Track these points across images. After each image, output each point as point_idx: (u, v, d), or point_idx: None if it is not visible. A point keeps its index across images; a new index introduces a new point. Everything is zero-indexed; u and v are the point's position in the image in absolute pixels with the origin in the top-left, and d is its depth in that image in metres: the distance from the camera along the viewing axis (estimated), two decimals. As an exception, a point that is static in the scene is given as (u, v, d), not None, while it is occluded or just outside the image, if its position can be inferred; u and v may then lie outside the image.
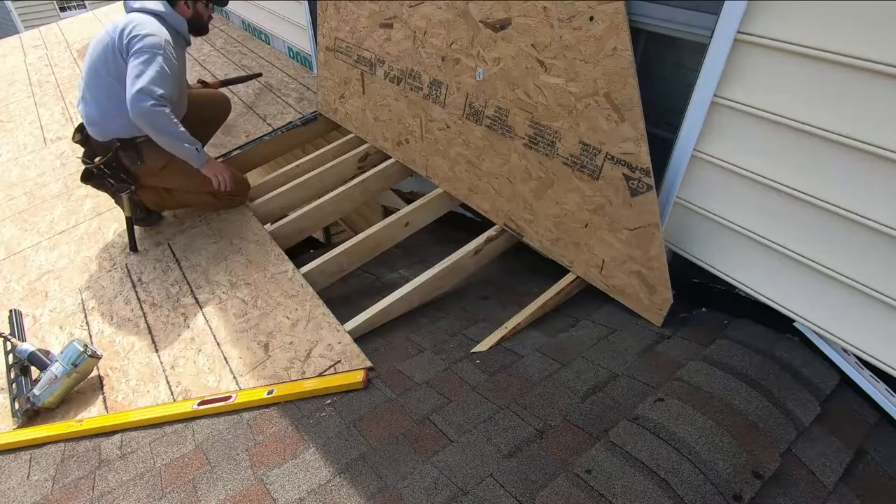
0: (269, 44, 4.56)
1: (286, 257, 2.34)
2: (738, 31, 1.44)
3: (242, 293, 2.20)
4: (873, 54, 1.22)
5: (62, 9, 12.98)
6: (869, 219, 1.35)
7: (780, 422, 1.35)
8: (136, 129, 2.20)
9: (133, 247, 2.51)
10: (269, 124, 3.32)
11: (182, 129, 2.25)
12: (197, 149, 2.33)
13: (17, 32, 8.53)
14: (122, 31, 2.17)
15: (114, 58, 2.19)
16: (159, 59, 2.15)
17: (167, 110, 2.16)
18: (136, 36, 2.16)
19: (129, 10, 2.30)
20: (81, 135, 2.39)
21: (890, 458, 1.37)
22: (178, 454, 1.62)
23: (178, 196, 2.56)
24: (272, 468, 1.49)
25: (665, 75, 1.77)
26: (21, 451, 1.76)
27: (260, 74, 3.87)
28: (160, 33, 2.22)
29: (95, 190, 2.50)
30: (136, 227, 2.54)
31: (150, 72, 2.12)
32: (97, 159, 2.30)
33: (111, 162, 2.29)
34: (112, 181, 2.35)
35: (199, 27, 2.49)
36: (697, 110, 1.60)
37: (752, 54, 1.44)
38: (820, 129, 1.37)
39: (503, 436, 1.44)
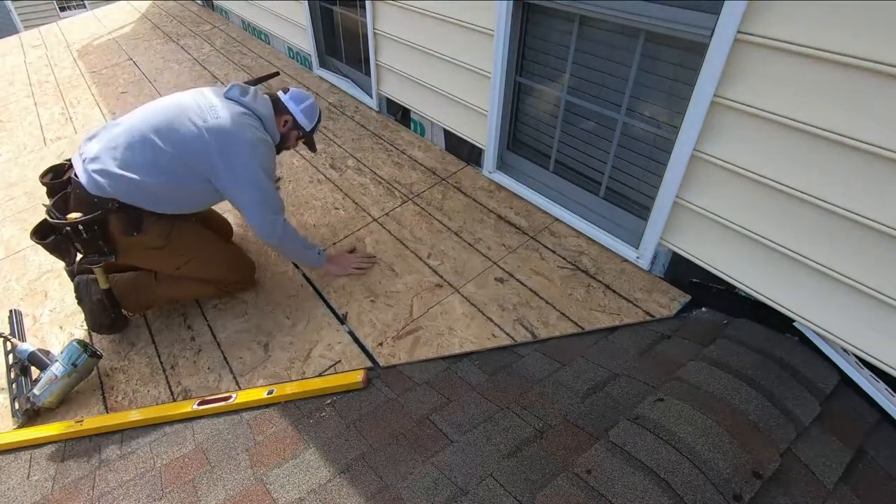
0: (268, 44, 4.57)
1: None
2: (738, 31, 1.44)
3: (243, 293, 2.19)
4: (873, 54, 1.22)
5: (62, 9, 12.97)
6: (869, 218, 1.35)
7: (780, 422, 1.35)
8: (150, 203, 1.79)
9: (108, 326, 2.03)
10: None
11: (301, 237, 2.03)
12: (319, 251, 2.08)
13: (17, 32, 8.53)
14: (221, 128, 1.76)
15: (194, 140, 1.75)
16: (264, 175, 1.84)
17: (289, 230, 1.95)
18: (237, 142, 1.78)
19: (232, 98, 1.88)
20: (56, 178, 1.82)
21: (890, 458, 1.37)
22: (178, 454, 1.62)
23: (166, 289, 2.07)
24: (272, 468, 1.49)
25: (665, 75, 1.77)
26: (21, 451, 1.76)
27: (277, 73, 3.87)
28: (263, 140, 1.87)
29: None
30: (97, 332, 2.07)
31: (262, 194, 1.84)
32: (73, 215, 1.71)
33: (94, 223, 1.72)
34: (80, 247, 1.76)
35: (280, 148, 2.09)
36: (697, 110, 1.60)
37: (752, 54, 1.45)
38: (820, 128, 1.37)
39: (503, 436, 1.44)
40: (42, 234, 1.75)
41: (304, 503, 1.37)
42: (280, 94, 2.06)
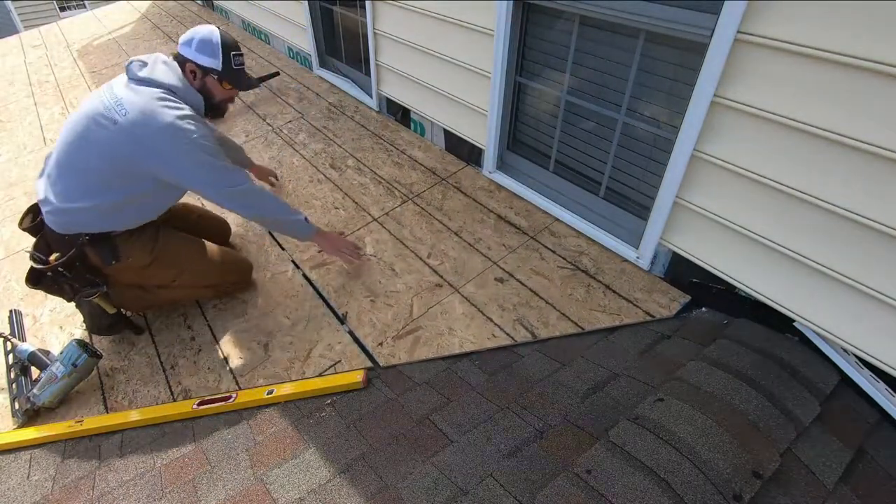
0: (268, 44, 4.57)
1: (287, 256, 2.34)
2: (738, 31, 1.44)
3: (242, 293, 2.19)
4: (873, 54, 1.22)
5: (62, 9, 12.97)
6: (869, 218, 1.35)
7: (780, 422, 1.35)
8: (113, 224, 1.77)
9: (107, 328, 2.01)
10: (269, 124, 3.33)
11: (282, 202, 1.94)
12: (306, 218, 1.98)
13: (17, 32, 8.53)
14: (133, 123, 1.63)
15: (112, 147, 1.65)
16: (199, 151, 1.70)
17: (261, 194, 1.87)
18: (156, 132, 1.64)
19: (133, 77, 1.72)
20: (33, 219, 1.83)
21: (890, 458, 1.37)
22: (178, 454, 1.62)
23: (166, 293, 2.06)
24: (272, 468, 1.49)
25: (665, 75, 1.77)
26: (21, 451, 1.76)
27: (277, 73, 3.88)
28: (183, 116, 1.68)
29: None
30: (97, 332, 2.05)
31: (206, 170, 1.73)
32: (53, 257, 1.75)
33: (74, 261, 1.75)
34: (74, 284, 1.80)
35: (211, 107, 1.91)
36: (697, 110, 1.60)
37: (752, 54, 1.45)
38: (820, 128, 1.37)
39: (503, 436, 1.44)
40: (34, 279, 1.79)
41: (304, 503, 1.37)
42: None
